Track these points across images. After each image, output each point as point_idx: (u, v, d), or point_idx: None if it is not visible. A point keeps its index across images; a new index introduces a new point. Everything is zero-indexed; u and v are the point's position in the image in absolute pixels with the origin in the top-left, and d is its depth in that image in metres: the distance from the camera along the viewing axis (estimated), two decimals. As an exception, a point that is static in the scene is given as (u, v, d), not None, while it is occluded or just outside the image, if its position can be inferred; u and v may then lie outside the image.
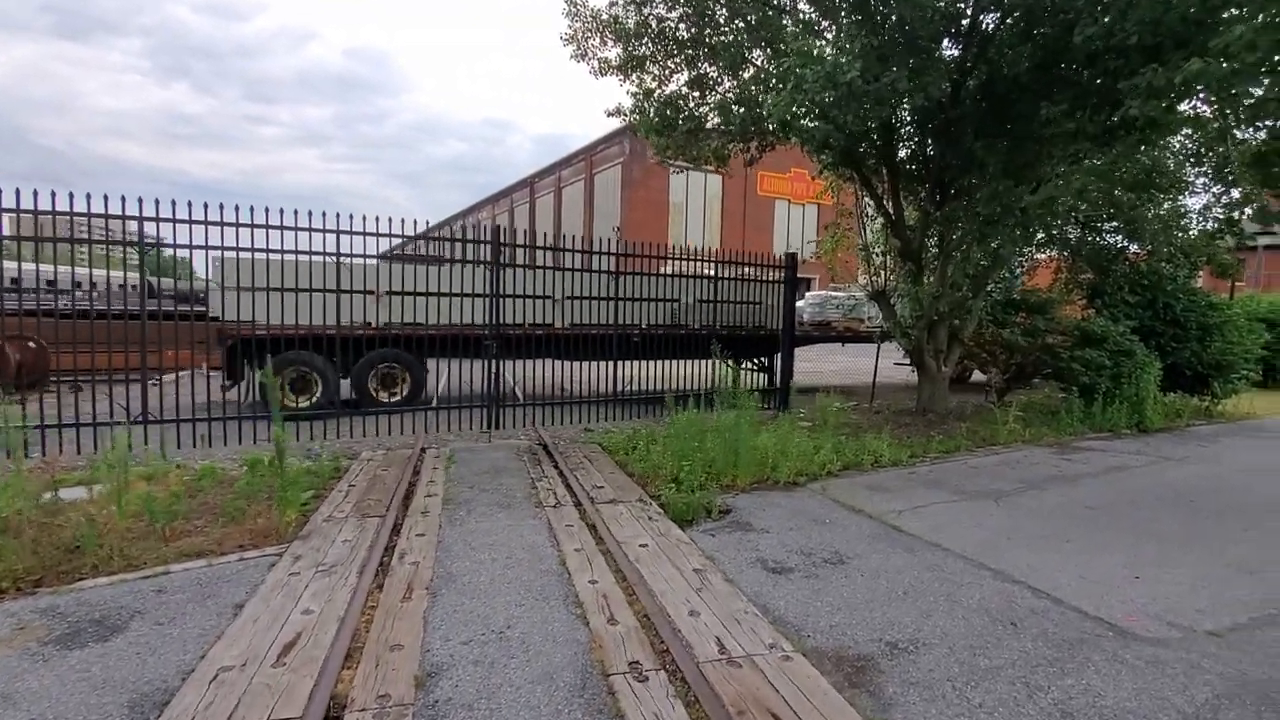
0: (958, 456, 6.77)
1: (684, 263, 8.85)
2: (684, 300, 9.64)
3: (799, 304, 13.31)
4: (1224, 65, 3.75)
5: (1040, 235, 10.58)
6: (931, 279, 8.16)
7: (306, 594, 3.21)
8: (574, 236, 8.36)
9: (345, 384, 8.27)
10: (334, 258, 6.31)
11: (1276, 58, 3.70)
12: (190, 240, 5.96)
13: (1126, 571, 3.75)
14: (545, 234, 8.12)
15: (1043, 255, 11.67)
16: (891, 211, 8.64)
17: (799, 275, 9.93)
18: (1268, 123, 4.37)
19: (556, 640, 2.77)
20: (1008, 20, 6.06)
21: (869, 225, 9.76)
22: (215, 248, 6.06)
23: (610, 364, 8.30)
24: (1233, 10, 4.15)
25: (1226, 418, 10.07)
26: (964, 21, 6.37)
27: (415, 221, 6.82)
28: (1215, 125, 4.84)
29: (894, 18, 5.96)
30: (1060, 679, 2.58)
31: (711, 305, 9.44)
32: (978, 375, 12.54)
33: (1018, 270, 11.09)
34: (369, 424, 7.12)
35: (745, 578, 3.52)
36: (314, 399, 8.26)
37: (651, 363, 8.49)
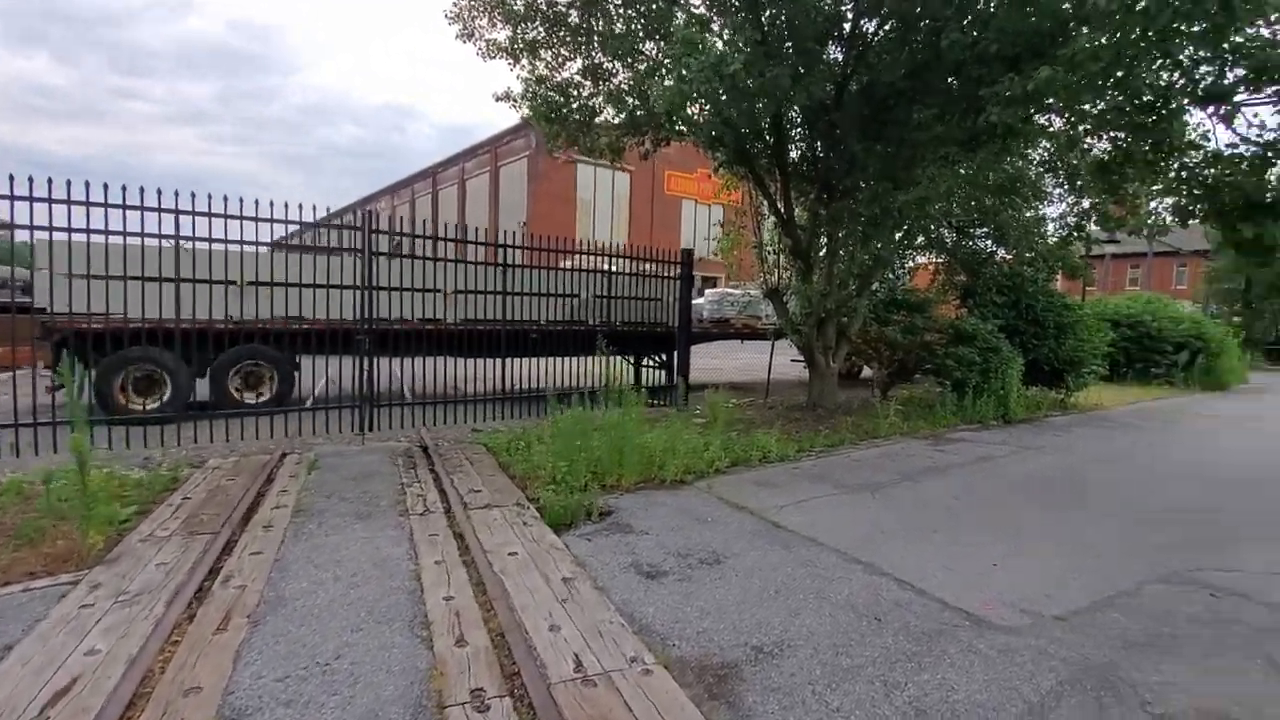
0: (842, 450, 6.94)
1: (582, 258, 8.63)
2: (582, 296, 9.42)
3: (699, 301, 13.41)
4: (1070, 75, 3.98)
5: (920, 239, 11.16)
6: (820, 278, 8.35)
7: (96, 629, 2.72)
8: (479, 229, 7.93)
9: (206, 383, 7.44)
10: (175, 241, 5.59)
11: (1118, 71, 3.96)
12: (12, 219, 5.11)
13: (987, 560, 3.88)
14: (448, 225, 7.64)
15: (923, 258, 12.35)
16: (783, 211, 8.79)
17: (707, 275, 9.98)
18: (1111, 134, 4.71)
19: (392, 669, 2.46)
20: (885, 26, 6.26)
21: (763, 224, 9.91)
22: (41, 228, 5.22)
23: (506, 361, 7.95)
24: (1081, 26, 4.43)
25: (1079, 409, 11.02)
26: (845, 25, 6.53)
27: (289, 206, 6.12)
28: (1067, 135, 5.21)
29: (781, 17, 6.00)
30: (917, 674, 2.56)
31: (610, 301, 9.26)
32: (868, 371, 13.12)
33: (901, 271, 11.67)
34: (232, 427, 6.39)
35: (617, 584, 3.34)
36: (162, 400, 7.36)
37: (550, 360, 8.20)
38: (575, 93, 7.89)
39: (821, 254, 8.54)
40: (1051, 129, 5.67)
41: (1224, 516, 5.03)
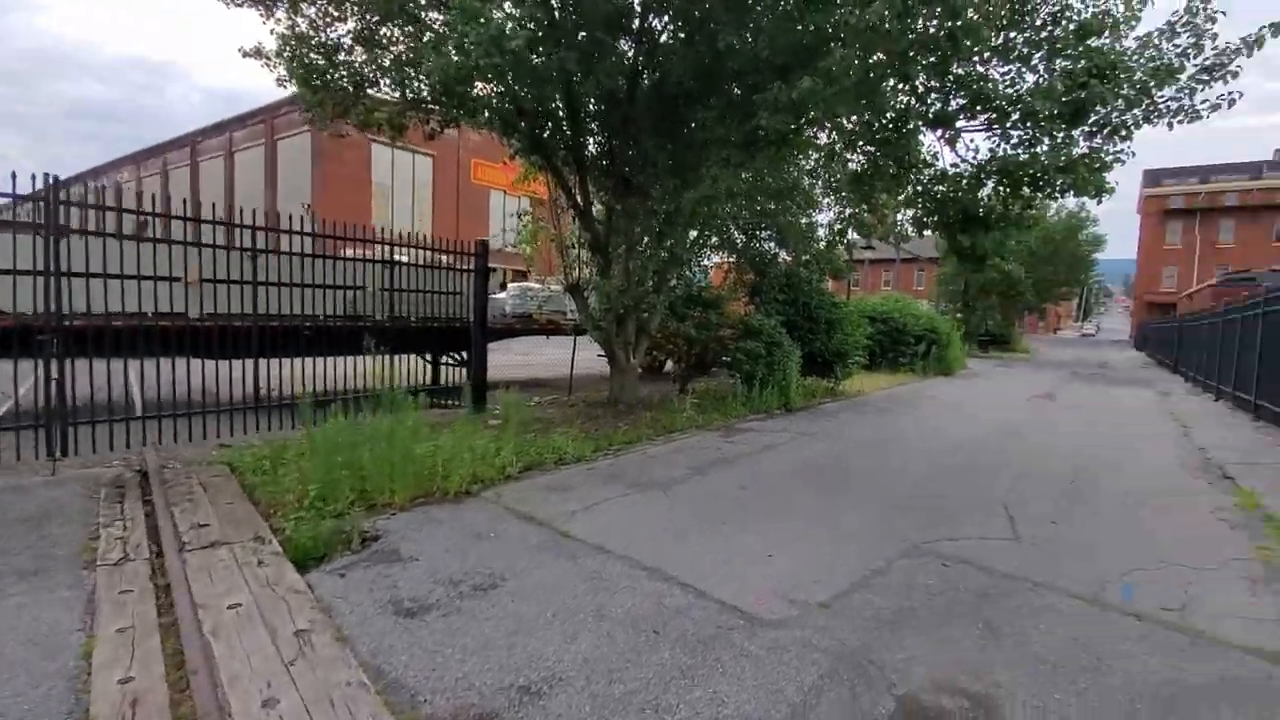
0: (639, 447, 6.95)
1: (365, 246, 7.70)
2: (368, 288, 8.44)
3: (501, 296, 12.87)
4: (828, 88, 4.28)
5: (714, 239, 11.75)
6: (618, 273, 8.34)
7: None
8: (252, 210, 6.60)
9: None
10: None
11: (868, 90, 4.33)
12: None
13: (764, 551, 3.99)
14: (214, 205, 6.26)
15: (717, 257, 13.05)
16: (581, 204, 8.63)
17: (519, 269, 9.47)
18: (864, 148, 5.21)
19: (-2, 809, 1.77)
20: (672, 25, 6.34)
21: (562, 217, 9.69)
22: None
23: (271, 363, 6.78)
24: (837, 42, 4.80)
25: (845, 395, 12.40)
26: (635, 20, 6.50)
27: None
28: (830, 149, 5.69)
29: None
30: (690, 691, 2.45)
31: (400, 295, 8.41)
32: (672, 365, 13.60)
33: (698, 269, 12.21)
34: None
35: (368, 630, 2.84)
36: None
37: (330, 360, 7.19)
38: (345, 58, 6.96)
39: (620, 250, 8.53)
40: (818, 141, 6.18)
41: (950, 488, 5.80)
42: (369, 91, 7.74)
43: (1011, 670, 2.70)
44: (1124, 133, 5.10)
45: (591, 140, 8.84)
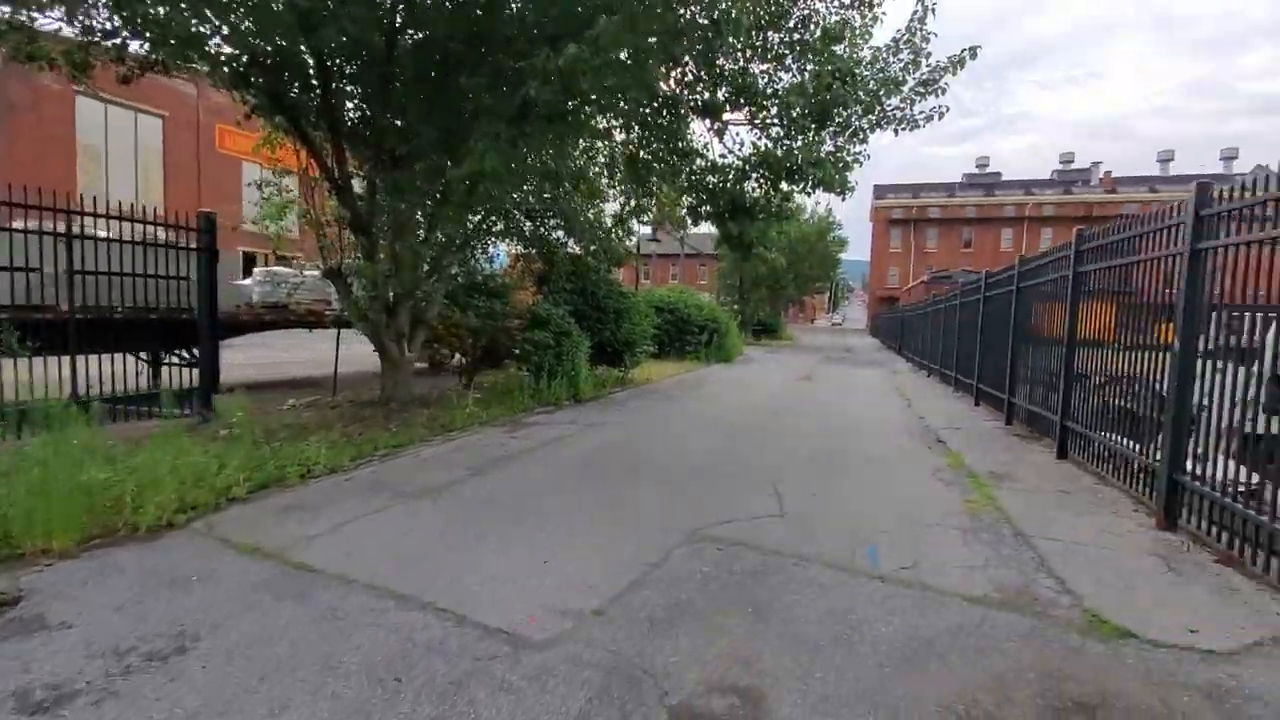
0: (411, 449, 6.24)
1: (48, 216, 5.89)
2: (48, 270, 6.50)
3: (247, 282, 10.99)
4: (596, 58, 4.07)
5: (499, 224, 11.18)
6: (385, 257, 7.43)
7: None
8: None
9: None
10: None
11: (635, 65, 4.20)
12: None
13: (541, 557, 3.66)
14: None
15: (505, 245, 12.48)
16: (338, 177, 7.54)
17: (283, 253, 7.91)
18: (636, 129, 5.13)
19: None
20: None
21: (318, 191, 8.43)
22: None
23: None
24: (607, 13, 4.62)
25: (635, 384, 12.64)
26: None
27: None
28: (603, 128, 5.54)
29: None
30: (433, 751, 2.02)
31: (100, 279, 6.61)
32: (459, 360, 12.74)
33: (484, 256, 11.54)
34: None
35: (-51, 751, 1.96)
36: None
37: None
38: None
39: (386, 231, 7.62)
40: (597, 124, 6.02)
41: (728, 469, 6.01)
42: (31, 14, 5.90)
43: (778, 655, 2.68)
44: (861, 135, 5.71)
45: (350, 104, 7.76)
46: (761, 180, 6.15)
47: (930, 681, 2.52)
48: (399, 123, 6.82)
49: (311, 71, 6.80)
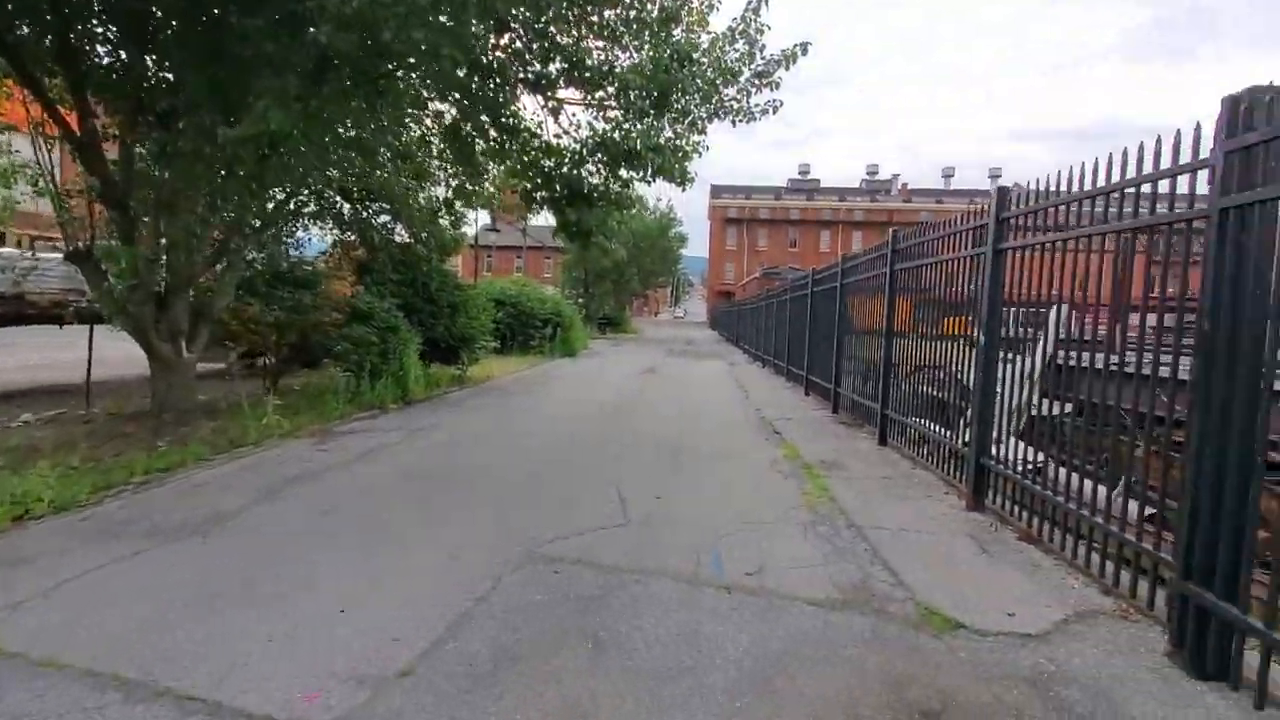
0: (182, 472, 5.12)
1: None
2: None
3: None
4: (398, 4, 3.46)
5: (310, 204, 9.84)
6: (148, 237, 6.08)
7: None
8: None
9: None
10: None
11: (444, 12, 3.62)
12: None
13: (336, 605, 3.01)
14: None
15: (320, 229, 11.04)
16: (81, 135, 6.03)
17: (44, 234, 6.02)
18: (456, 98, 4.55)
19: None
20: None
21: (57, 152, 6.75)
22: None
23: None
24: None
25: (474, 382, 11.84)
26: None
27: None
28: (415, 92, 4.87)
29: None
30: None
31: None
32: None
33: (290, 240, 10.12)
34: None
35: None
36: None
37: None
38: None
39: (150, 205, 6.24)
40: (408, 86, 5.28)
41: (570, 473, 5.63)
42: None
43: (619, 700, 2.33)
44: (700, 125, 5.60)
45: (98, 46, 6.25)
46: (600, 166, 5.82)
47: (781, 707, 2.32)
48: (162, 72, 5.55)
49: (46, 6, 5.31)
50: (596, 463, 6.03)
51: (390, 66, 4.74)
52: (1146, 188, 3.10)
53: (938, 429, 5.68)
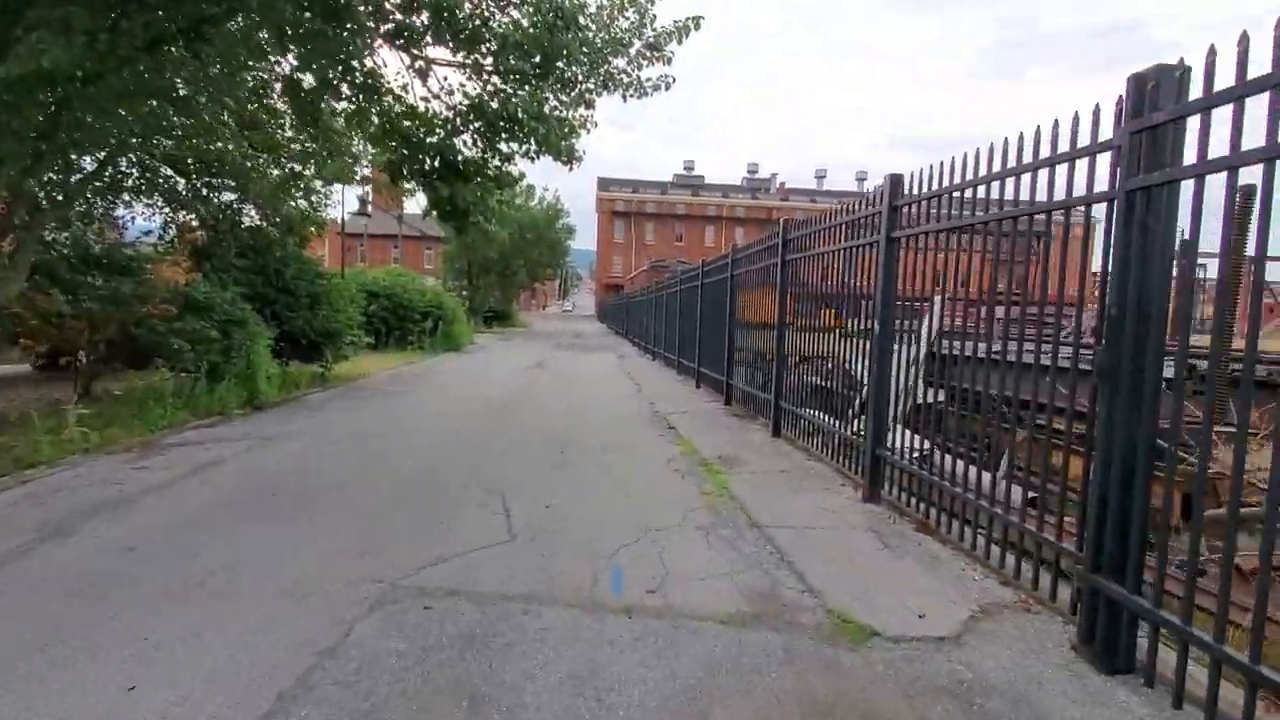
0: (-69, 508, 4.01)
1: None
2: None
3: None
4: None
5: (132, 176, 8.40)
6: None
7: None
8: None
9: None
10: None
11: None
12: None
13: (125, 678, 2.31)
14: None
15: (145, 206, 9.45)
16: None
17: None
18: (296, 47, 3.80)
19: None
20: None
21: None
22: None
23: None
24: None
25: (341, 381, 10.71)
26: None
27: None
28: (252, 43, 4.06)
29: None
30: None
31: None
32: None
33: (105, 218, 8.58)
34: None
35: None
36: None
37: None
38: None
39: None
40: (238, 30, 4.41)
41: (446, 482, 5.02)
42: None
43: (501, 780, 1.88)
44: (587, 99, 5.17)
45: None
46: (477, 136, 5.21)
47: (696, 764, 1.97)
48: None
49: None
50: (478, 468, 5.45)
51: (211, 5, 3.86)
52: (1040, 173, 3.05)
53: (831, 420, 5.64)
